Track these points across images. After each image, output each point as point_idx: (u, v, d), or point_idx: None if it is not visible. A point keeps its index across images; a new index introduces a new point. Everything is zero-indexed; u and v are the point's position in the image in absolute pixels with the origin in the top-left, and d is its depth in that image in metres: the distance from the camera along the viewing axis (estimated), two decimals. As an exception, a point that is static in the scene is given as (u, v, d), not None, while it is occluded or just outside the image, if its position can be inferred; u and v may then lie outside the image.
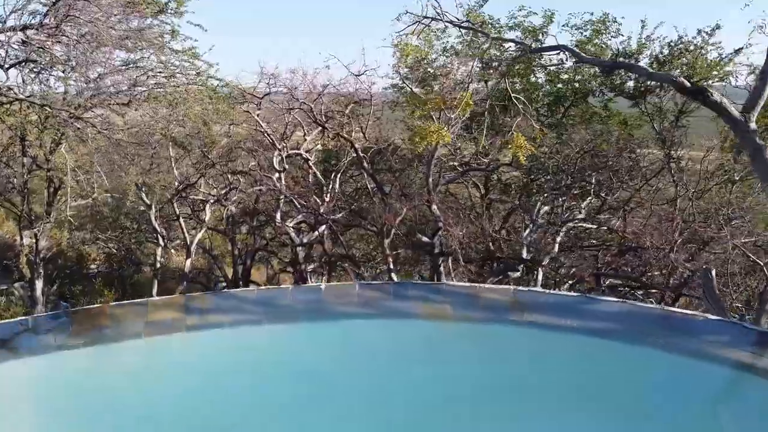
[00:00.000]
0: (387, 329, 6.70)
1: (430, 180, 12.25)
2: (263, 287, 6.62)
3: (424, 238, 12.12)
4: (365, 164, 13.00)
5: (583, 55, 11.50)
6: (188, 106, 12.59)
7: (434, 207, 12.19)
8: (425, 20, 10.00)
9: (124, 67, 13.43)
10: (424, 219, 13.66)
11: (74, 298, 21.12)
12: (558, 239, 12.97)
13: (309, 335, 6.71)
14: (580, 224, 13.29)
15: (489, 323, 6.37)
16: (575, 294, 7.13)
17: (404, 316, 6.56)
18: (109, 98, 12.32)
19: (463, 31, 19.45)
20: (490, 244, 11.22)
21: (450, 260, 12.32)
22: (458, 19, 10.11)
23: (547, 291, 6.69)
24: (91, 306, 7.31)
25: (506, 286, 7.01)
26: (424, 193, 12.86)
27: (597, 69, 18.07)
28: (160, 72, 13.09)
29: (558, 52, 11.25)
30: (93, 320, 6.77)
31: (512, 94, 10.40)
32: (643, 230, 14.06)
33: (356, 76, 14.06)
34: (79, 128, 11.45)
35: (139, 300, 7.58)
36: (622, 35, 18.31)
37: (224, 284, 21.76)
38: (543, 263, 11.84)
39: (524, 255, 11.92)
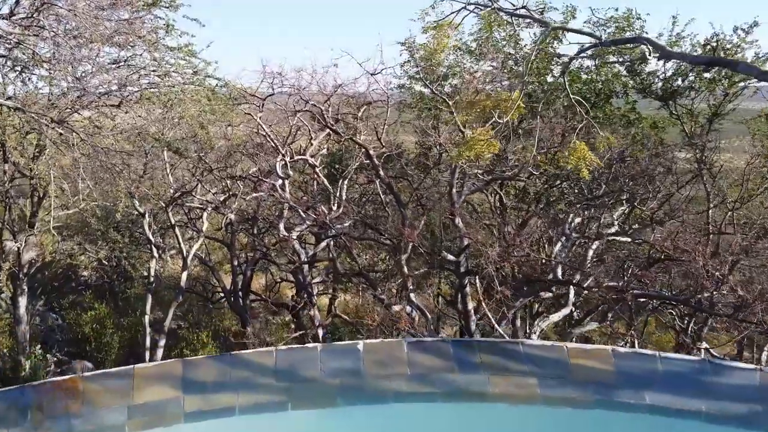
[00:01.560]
0: (454, 417, 5.35)
1: (454, 190, 11.08)
2: (283, 347, 5.34)
3: (450, 256, 10.95)
4: (381, 172, 11.86)
5: (669, 49, 10.20)
6: (184, 107, 11.41)
7: (458, 220, 11.04)
8: (470, 6, 8.64)
9: (114, 66, 12.26)
10: (444, 231, 12.55)
11: (63, 311, 19.90)
12: (590, 254, 11.82)
13: (349, 426, 5.28)
14: (614, 237, 12.13)
15: (592, 407, 5.00)
16: (695, 359, 5.78)
17: (476, 396, 5.09)
18: (98, 99, 11.12)
19: (481, 26, 18.44)
20: (523, 262, 10.08)
21: (477, 279, 11.16)
22: (513, 6, 8.76)
23: (657, 354, 5.40)
24: (60, 378, 5.62)
25: (602, 347, 5.72)
26: (443, 202, 11.75)
27: (620, 68, 16.99)
28: (153, 70, 11.90)
29: (634, 45, 9.90)
30: (59, 404, 5.16)
31: (572, 96, 9.18)
32: (681, 242, 12.92)
33: (372, 74, 12.89)
34: (61, 134, 10.25)
35: (122, 369, 5.84)
36: (647, 33, 17.25)
37: (222, 296, 20.56)
38: (575, 282, 10.70)
39: (559, 274, 10.76)
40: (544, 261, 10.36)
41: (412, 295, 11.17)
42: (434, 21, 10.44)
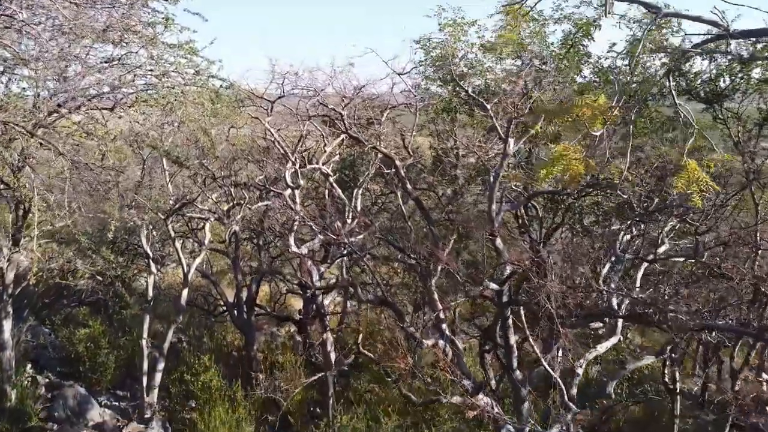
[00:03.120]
0: None
1: (493, 206, 9.76)
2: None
3: (492, 285, 9.61)
4: (408, 186, 10.58)
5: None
6: (185, 111, 10.11)
7: (498, 242, 9.72)
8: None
9: (106, 65, 10.95)
10: (474, 251, 11.28)
11: (55, 329, 18.61)
12: (639, 276, 10.50)
13: None
14: (669, 257, 10.78)
15: None
16: None
17: None
18: (88, 102, 9.82)
19: (502, 21, 17.09)
20: (581, 295, 8.74)
21: (522, 311, 9.85)
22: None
23: None
24: None
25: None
26: (474, 218, 10.48)
27: (658, 67, 15.64)
28: (150, 70, 10.59)
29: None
30: None
31: (677, 102, 7.83)
32: (730, 259, 11.63)
33: (399, 74, 11.56)
34: (41, 143, 8.96)
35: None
36: (684, 30, 15.92)
37: (224, 309, 19.23)
38: (637, 315, 9.36)
39: (614, 303, 9.41)
40: (597, 288, 9.04)
41: (443, 325, 9.87)
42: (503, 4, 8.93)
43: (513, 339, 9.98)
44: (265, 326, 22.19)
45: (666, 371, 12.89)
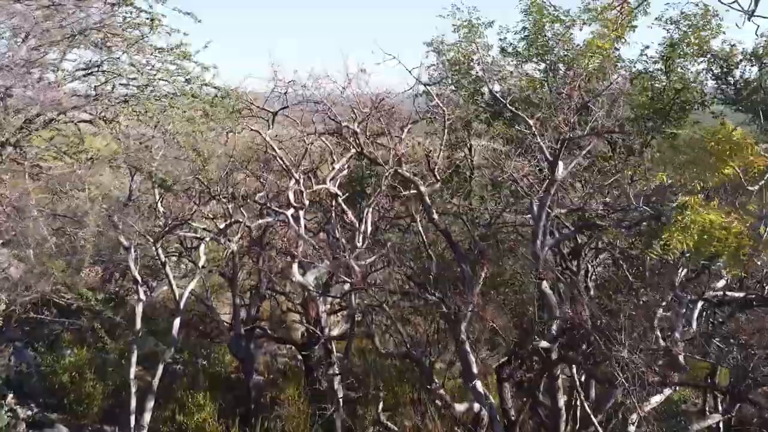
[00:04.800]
0: None
1: (538, 241, 8.29)
2: None
3: (543, 343, 8.12)
4: (435, 217, 9.17)
5: None
6: (174, 126, 8.71)
7: (545, 285, 8.28)
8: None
9: (82, 72, 9.55)
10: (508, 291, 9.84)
11: (40, 354, 17.18)
12: (695, 316, 9.06)
13: None
14: (728, 294, 9.31)
15: None
16: None
17: None
18: (58, 118, 8.42)
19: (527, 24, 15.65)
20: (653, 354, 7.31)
21: (578, 371, 8.38)
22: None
23: None
24: None
25: None
26: (509, 251, 9.05)
27: (704, 74, 14.22)
28: (132, 78, 9.18)
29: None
30: None
31: None
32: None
33: (425, 85, 10.13)
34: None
35: None
36: (724, 33, 14.51)
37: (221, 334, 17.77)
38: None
39: (681, 359, 7.92)
40: (676, 352, 7.56)
41: (478, 383, 8.43)
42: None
43: (562, 401, 8.56)
44: (265, 343, 20.82)
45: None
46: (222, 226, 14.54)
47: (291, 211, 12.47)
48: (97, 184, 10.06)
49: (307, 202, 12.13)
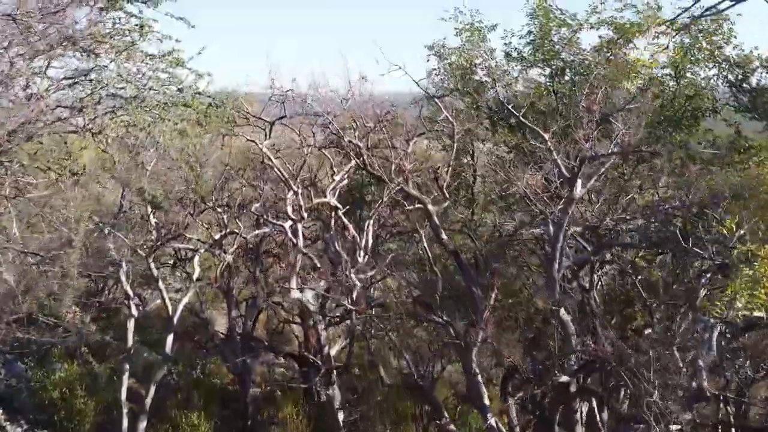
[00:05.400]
0: None
1: (555, 265, 7.74)
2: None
3: (564, 378, 7.61)
4: (444, 238, 8.65)
5: None
6: (165, 140, 8.19)
7: (563, 313, 7.78)
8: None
9: (68, 81, 9.02)
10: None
11: (30, 368, 16.63)
12: (714, 338, 8.54)
13: None
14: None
15: None
16: None
17: None
18: (39, 131, 7.90)
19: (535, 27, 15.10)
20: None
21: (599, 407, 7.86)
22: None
23: None
24: None
25: None
26: (525, 273, 8.51)
27: (717, 79, 13.71)
28: (121, 88, 8.64)
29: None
30: None
31: None
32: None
33: (435, 98, 9.58)
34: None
35: None
36: (735, 37, 14.00)
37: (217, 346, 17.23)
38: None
39: (704, 381, 7.40)
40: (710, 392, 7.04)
41: (493, 420, 7.90)
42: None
43: (581, 433, 8.07)
44: (262, 353, 20.32)
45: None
46: (217, 236, 14.02)
47: (289, 223, 11.95)
48: (86, 195, 9.52)
49: (305, 215, 11.59)
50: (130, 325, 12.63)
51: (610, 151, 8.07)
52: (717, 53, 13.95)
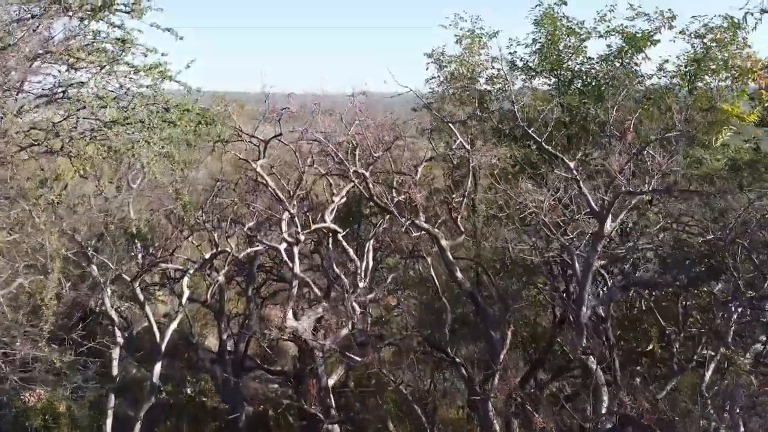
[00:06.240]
0: None
1: (584, 308, 6.96)
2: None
3: None
4: (458, 275, 7.91)
5: None
6: (149, 167, 7.44)
7: (591, 361, 6.96)
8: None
9: (45, 99, 8.25)
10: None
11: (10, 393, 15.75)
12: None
13: None
14: None
15: None
16: None
17: None
18: (12, 158, 7.14)
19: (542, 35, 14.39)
20: None
21: None
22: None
23: None
24: None
25: None
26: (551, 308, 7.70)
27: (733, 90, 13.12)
28: (102, 107, 7.87)
29: None
30: None
31: None
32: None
33: (449, 123, 8.83)
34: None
35: None
36: (750, 46, 13.41)
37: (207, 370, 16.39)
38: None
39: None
40: None
41: None
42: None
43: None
44: (255, 369, 19.56)
45: None
46: (207, 255, 13.25)
47: (284, 245, 11.21)
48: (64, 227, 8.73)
49: (302, 238, 10.85)
50: (115, 353, 11.85)
51: (651, 188, 7.30)
52: (731, 63, 13.38)
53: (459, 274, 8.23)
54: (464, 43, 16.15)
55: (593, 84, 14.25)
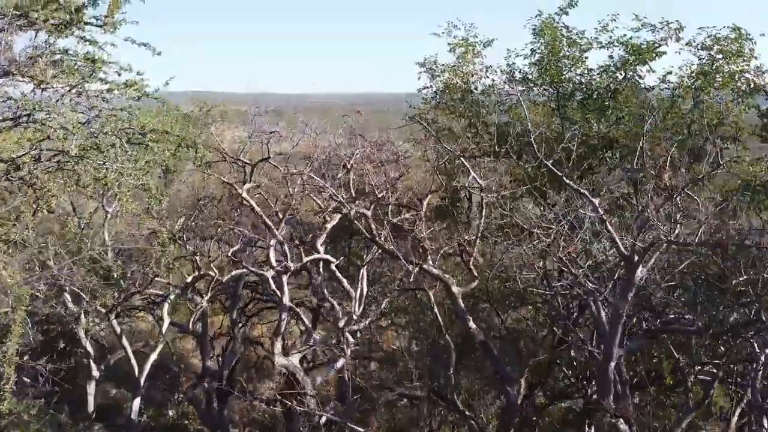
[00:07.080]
0: None
1: (612, 364, 6.21)
2: None
3: None
4: (472, 326, 7.22)
5: None
6: (122, 203, 6.66)
7: (621, 424, 6.30)
8: None
9: (6, 123, 7.42)
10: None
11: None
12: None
13: None
14: None
15: None
16: None
17: None
18: None
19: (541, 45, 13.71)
20: None
21: None
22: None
23: None
24: None
25: None
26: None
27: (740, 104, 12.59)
28: (68, 134, 7.07)
29: None
30: None
31: None
32: None
33: (461, 156, 8.08)
34: None
35: None
36: (756, 58, 12.88)
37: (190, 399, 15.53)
38: None
39: None
40: None
41: None
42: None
43: None
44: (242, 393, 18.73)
45: None
46: (189, 279, 12.45)
47: (271, 273, 10.45)
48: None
49: (292, 266, 10.09)
50: (91, 389, 11.02)
51: (697, 240, 6.57)
52: (738, 76, 12.84)
53: (472, 325, 7.53)
54: (458, 51, 15.45)
55: (595, 96, 13.63)
